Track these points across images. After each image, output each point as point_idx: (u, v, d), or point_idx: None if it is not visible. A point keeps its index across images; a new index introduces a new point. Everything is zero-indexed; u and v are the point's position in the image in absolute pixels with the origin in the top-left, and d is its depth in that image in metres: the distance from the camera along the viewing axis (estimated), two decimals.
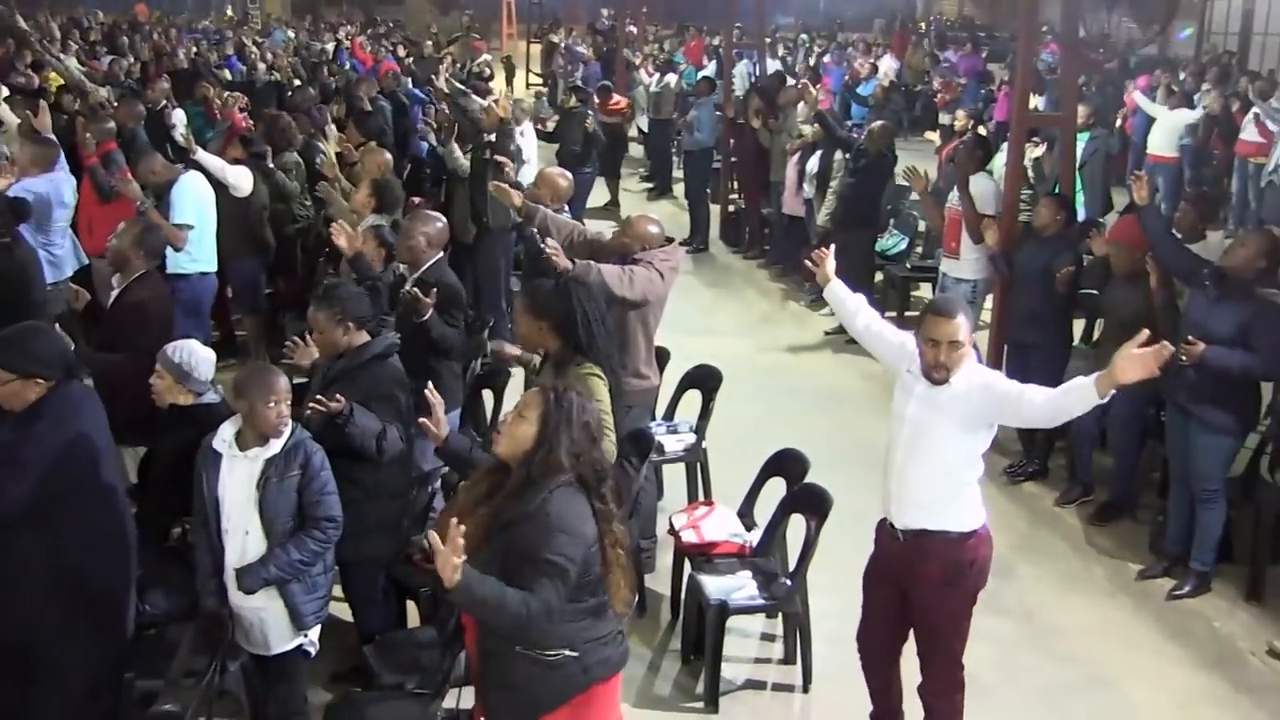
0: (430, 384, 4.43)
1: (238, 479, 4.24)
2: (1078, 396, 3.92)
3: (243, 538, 4.24)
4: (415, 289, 5.70)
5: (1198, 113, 13.56)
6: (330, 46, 21.64)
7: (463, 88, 9.85)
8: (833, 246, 4.89)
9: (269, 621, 4.33)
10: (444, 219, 6.28)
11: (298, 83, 13.80)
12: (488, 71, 18.24)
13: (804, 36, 25.97)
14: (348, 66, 17.79)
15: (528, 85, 26.20)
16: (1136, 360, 3.74)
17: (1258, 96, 13.10)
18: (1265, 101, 12.95)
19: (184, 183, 7.63)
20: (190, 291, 7.57)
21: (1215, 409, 5.67)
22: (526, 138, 10.69)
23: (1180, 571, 6.04)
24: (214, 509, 4.27)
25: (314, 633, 4.49)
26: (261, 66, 16.41)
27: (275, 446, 4.26)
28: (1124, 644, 5.67)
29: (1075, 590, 6.16)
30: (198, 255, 7.66)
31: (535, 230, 6.32)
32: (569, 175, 7.50)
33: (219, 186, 8.00)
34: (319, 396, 4.55)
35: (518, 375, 7.76)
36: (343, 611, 5.02)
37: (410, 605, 5.22)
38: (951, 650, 4.42)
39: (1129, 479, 6.72)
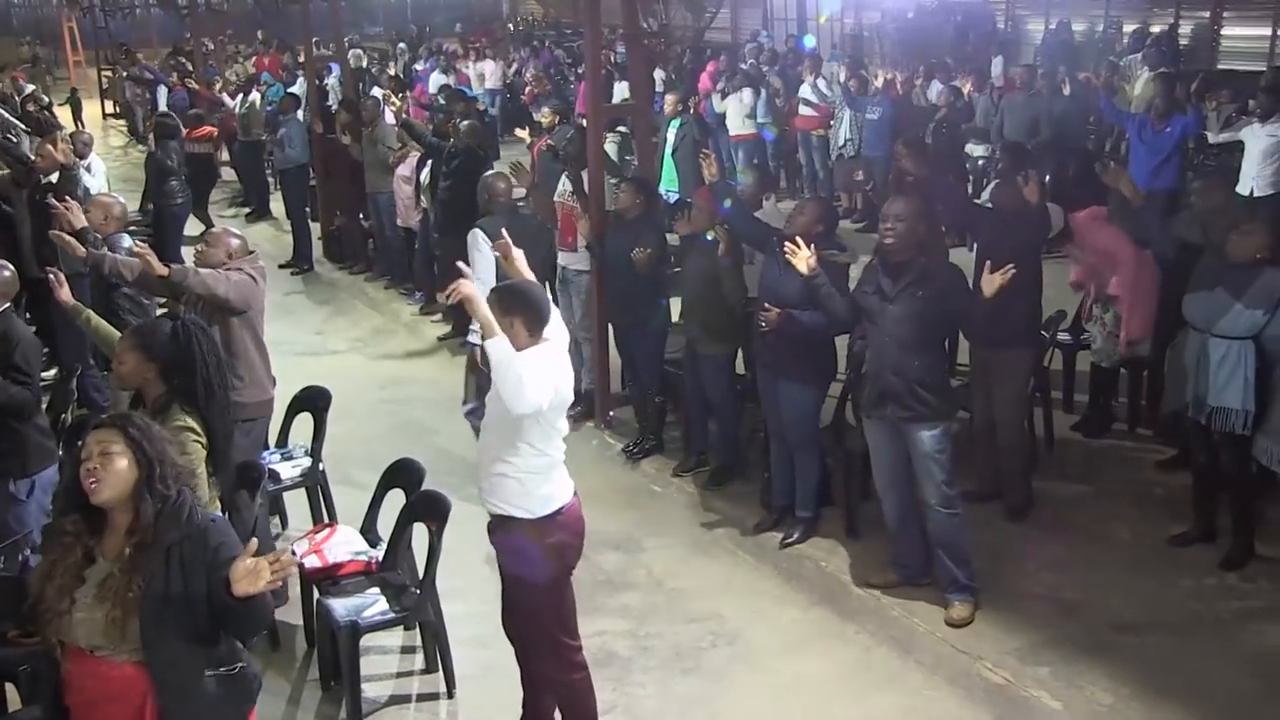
0: None
1: None
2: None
3: None
4: None
5: (762, 95, 14.48)
6: None
7: (12, 120, 8.95)
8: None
9: None
10: (11, 267, 5.79)
11: None
12: (45, 100, 16.86)
13: (403, 45, 25.72)
14: None
15: (104, 117, 24.53)
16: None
17: (809, 75, 14.22)
18: (815, 79, 14.09)
19: None
20: None
21: (797, 365, 6.08)
22: (95, 174, 9.97)
23: (789, 520, 6.44)
24: None
25: None
26: None
27: None
28: (747, 595, 6.01)
29: (699, 553, 6.47)
30: None
31: (107, 272, 6.00)
32: (121, 201, 7.17)
33: None
34: None
35: None
36: None
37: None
38: (553, 638, 4.44)
39: (733, 441, 7.10)
